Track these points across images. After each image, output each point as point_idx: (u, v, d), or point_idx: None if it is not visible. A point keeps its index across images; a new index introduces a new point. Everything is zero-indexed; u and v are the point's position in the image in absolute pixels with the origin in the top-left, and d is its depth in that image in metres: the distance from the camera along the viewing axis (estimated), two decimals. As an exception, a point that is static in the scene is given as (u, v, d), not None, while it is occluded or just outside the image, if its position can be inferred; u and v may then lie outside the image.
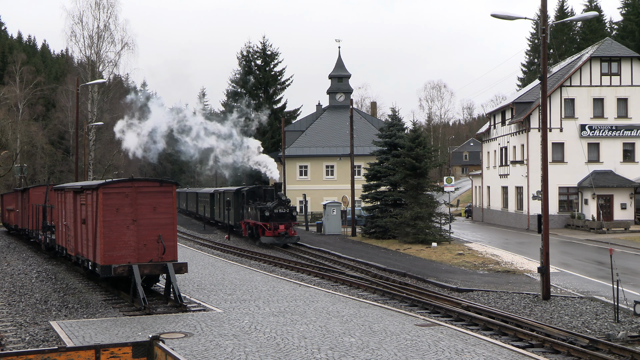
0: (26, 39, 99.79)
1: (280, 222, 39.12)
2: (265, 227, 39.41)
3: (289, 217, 39.61)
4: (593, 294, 22.74)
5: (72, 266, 26.38)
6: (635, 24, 73.78)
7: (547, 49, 23.08)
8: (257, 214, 40.51)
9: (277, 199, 39.84)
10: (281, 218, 39.20)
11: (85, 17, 61.37)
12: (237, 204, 45.86)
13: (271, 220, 39.06)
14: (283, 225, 39.12)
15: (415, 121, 48.93)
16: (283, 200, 39.92)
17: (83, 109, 58.24)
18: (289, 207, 40.02)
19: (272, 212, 39.11)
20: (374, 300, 21.10)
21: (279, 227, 39.02)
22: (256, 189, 44.13)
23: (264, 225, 39.44)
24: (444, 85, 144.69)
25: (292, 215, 40.05)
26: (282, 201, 39.83)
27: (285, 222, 39.31)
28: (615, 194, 48.32)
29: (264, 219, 39.38)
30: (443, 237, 39.54)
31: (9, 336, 15.81)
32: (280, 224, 39.08)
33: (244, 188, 45.27)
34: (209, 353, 13.48)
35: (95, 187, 19.59)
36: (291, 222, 39.76)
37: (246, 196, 43.30)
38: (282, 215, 39.29)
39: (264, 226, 39.47)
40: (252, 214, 41.67)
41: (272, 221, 39.05)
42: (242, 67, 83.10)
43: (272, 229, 38.98)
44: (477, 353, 13.56)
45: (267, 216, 39.15)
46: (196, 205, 67.89)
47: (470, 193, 78.68)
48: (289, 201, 40.82)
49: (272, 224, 39.03)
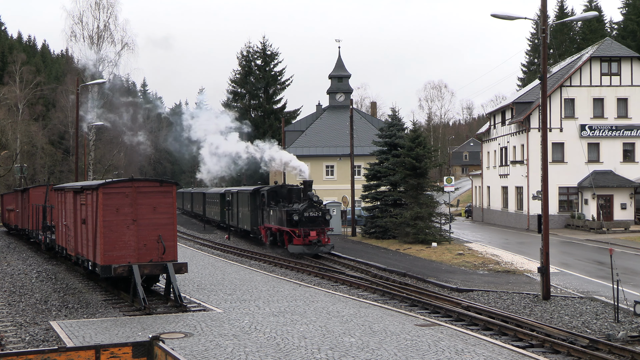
0: (26, 39, 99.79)
1: (312, 227, 33.55)
2: (293, 234, 33.71)
3: (321, 221, 33.96)
4: (593, 294, 22.74)
5: (72, 266, 26.38)
6: (636, 24, 73.76)
7: (547, 49, 23.08)
8: (282, 217, 34.80)
9: (307, 199, 34.21)
10: (312, 223, 33.67)
11: (85, 17, 61.34)
12: (254, 206, 40.83)
13: (300, 226, 33.47)
14: (315, 231, 33.48)
15: (415, 121, 48.89)
16: (315, 202, 34.18)
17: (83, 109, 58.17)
18: (321, 209, 34.32)
19: (302, 215, 33.57)
20: (374, 300, 21.10)
21: (310, 233, 33.37)
22: (278, 188, 38.43)
23: (292, 231, 33.73)
24: (444, 85, 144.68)
25: (326, 219, 34.19)
26: (314, 202, 34.11)
27: (318, 227, 33.71)
28: (615, 194, 48.32)
29: (292, 223, 33.76)
30: (443, 237, 39.54)
31: (9, 336, 15.81)
32: (312, 230, 33.43)
33: (263, 187, 39.89)
34: (209, 353, 13.48)
35: (95, 187, 19.59)
36: (324, 227, 34.07)
37: (267, 197, 37.87)
38: (313, 219, 33.76)
39: (292, 232, 33.73)
40: (276, 217, 36.10)
41: (301, 226, 33.46)
42: (242, 67, 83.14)
43: (302, 236, 33.31)
44: (477, 353, 13.56)
45: (296, 220, 33.51)
46: (203, 206, 62.96)
47: (470, 193, 78.69)
48: (321, 202, 35.11)
49: (302, 229, 33.39)
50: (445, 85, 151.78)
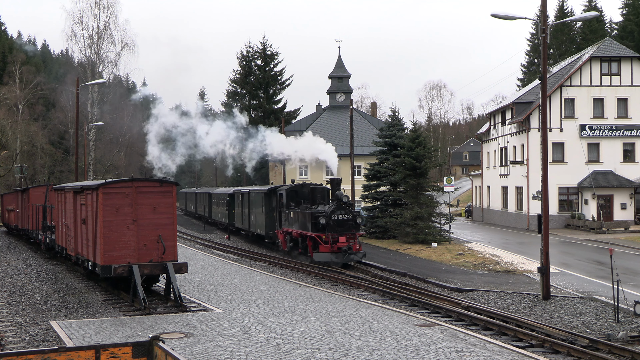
0: (26, 39, 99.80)
1: (341, 232, 29.27)
2: (319, 240, 29.45)
3: (352, 225, 29.68)
4: (593, 294, 22.74)
5: (72, 266, 26.39)
6: (635, 24, 73.77)
7: (547, 49, 23.08)
8: (305, 221, 30.70)
9: (336, 200, 30.04)
10: (342, 227, 29.44)
11: (85, 17, 61.43)
12: (269, 207, 36.99)
13: (328, 230, 29.14)
14: (344, 236, 29.17)
15: (415, 121, 48.97)
16: (344, 203, 29.90)
17: (83, 109, 58.22)
18: (352, 211, 30.05)
19: (330, 218, 29.29)
20: (374, 300, 21.10)
21: (339, 239, 29.07)
22: (299, 187, 34.15)
23: (318, 237, 29.48)
24: (443, 85, 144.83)
25: (357, 222, 29.96)
26: (343, 204, 29.85)
27: (348, 232, 29.42)
28: (615, 194, 48.32)
29: (317, 228, 29.58)
30: (443, 237, 39.55)
31: (9, 336, 15.81)
32: (341, 235, 29.13)
33: (281, 187, 35.64)
34: (209, 353, 13.48)
35: (95, 187, 19.60)
36: (355, 232, 29.79)
37: (286, 197, 33.65)
38: (342, 223, 29.52)
39: (317, 238, 29.51)
40: (297, 220, 31.75)
41: (329, 231, 29.12)
42: (242, 67, 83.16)
43: (330, 242, 29.02)
44: (477, 353, 13.56)
45: (322, 224, 29.27)
46: (209, 208, 59.49)
47: (470, 193, 78.69)
48: (351, 204, 30.87)
49: (330, 235, 29.02)
50: (445, 85, 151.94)
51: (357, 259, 29.47)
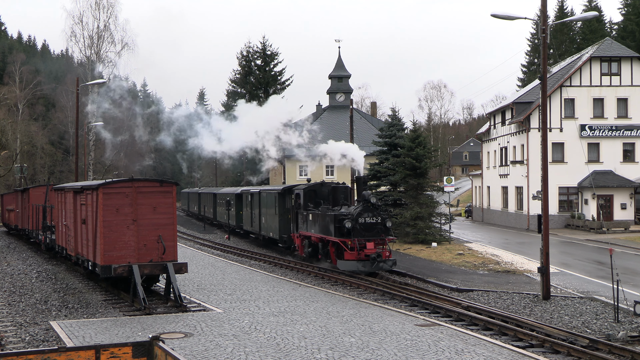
0: (26, 39, 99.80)
1: (369, 237, 25.99)
2: (343, 246, 26.14)
3: (381, 229, 26.35)
4: (593, 294, 22.74)
5: (72, 266, 26.39)
6: (635, 24, 73.78)
7: (547, 49, 23.08)
8: (327, 224, 27.60)
9: (362, 201, 26.82)
10: (369, 231, 26.17)
11: (85, 17, 61.41)
12: (284, 209, 34.44)
13: (354, 235, 25.94)
14: (372, 242, 25.87)
15: (415, 121, 48.87)
16: (372, 204, 26.61)
17: (83, 109, 58.21)
18: (381, 214, 26.75)
19: (356, 222, 26.10)
20: (374, 300, 21.10)
21: (367, 245, 25.78)
22: (318, 186, 31.34)
23: (342, 242, 26.22)
24: (443, 85, 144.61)
25: (386, 226, 26.58)
26: (371, 205, 26.58)
27: (376, 237, 26.12)
28: (615, 194, 48.32)
29: (342, 232, 26.38)
30: (443, 237, 39.55)
31: (9, 336, 15.81)
32: (369, 241, 25.83)
33: (297, 186, 32.78)
34: (209, 353, 13.48)
35: (95, 187, 19.61)
36: (385, 237, 26.39)
37: (303, 198, 30.75)
38: (370, 226, 26.25)
39: (342, 244, 26.23)
40: (317, 223, 28.77)
41: (355, 236, 25.91)
42: (242, 67, 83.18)
43: (357, 249, 25.68)
44: (477, 353, 13.56)
45: (348, 228, 26.06)
46: (213, 209, 56.72)
47: (470, 193, 78.70)
48: (379, 205, 27.36)
49: (356, 240, 25.75)
50: (445, 85, 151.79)
51: (387, 267, 25.67)
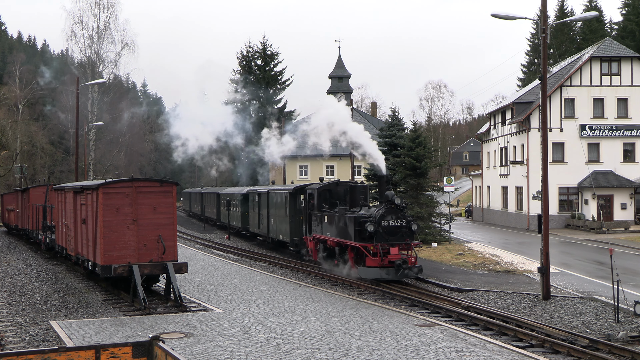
0: (26, 39, 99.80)
1: (392, 242, 23.69)
2: (364, 251, 23.74)
3: (405, 233, 24.09)
4: (593, 294, 22.74)
5: (72, 266, 26.40)
6: (635, 24, 73.74)
7: (547, 49, 23.08)
8: (345, 227, 25.12)
9: (386, 202, 24.29)
10: (393, 235, 23.84)
11: (85, 17, 61.50)
12: (295, 210, 32.39)
13: (377, 240, 23.56)
14: (397, 247, 23.59)
15: (415, 121, 48.85)
16: (396, 206, 24.18)
17: (83, 109, 58.23)
18: (405, 216, 24.42)
19: (379, 225, 23.68)
20: (374, 300, 21.10)
21: (391, 250, 23.47)
22: (333, 186, 28.69)
23: (363, 247, 23.78)
24: (444, 85, 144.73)
25: (411, 229, 24.25)
26: (395, 207, 24.16)
27: (401, 242, 23.88)
28: (615, 194, 48.32)
29: (362, 236, 23.99)
30: (443, 237, 39.55)
31: (9, 336, 15.81)
32: (392, 246, 23.54)
33: (310, 186, 30.58)
34: (209, 353, 13.48)
35: (95, 187, 19.61)
36: (410, 242, 24.17)
37: (317, 198, 28.36)
38: (394, 230, 23.91)
39: (363, 249, 23.82)
40: (334, 226, 26.33)
41: (377, 240, 23.55)
42: (242, 67, 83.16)
43: (380, 254, 23.36)
44: (477, 353, 13.56)
45: (370, 232, 23.61)
46: (217, 209, 54.75)
47: (470, 193, 78.70)
48: (404, 207, 24.80)
49: (379, 245, 23.45)
50: (445, 85, 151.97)
51: (412, 274, 23.60)
